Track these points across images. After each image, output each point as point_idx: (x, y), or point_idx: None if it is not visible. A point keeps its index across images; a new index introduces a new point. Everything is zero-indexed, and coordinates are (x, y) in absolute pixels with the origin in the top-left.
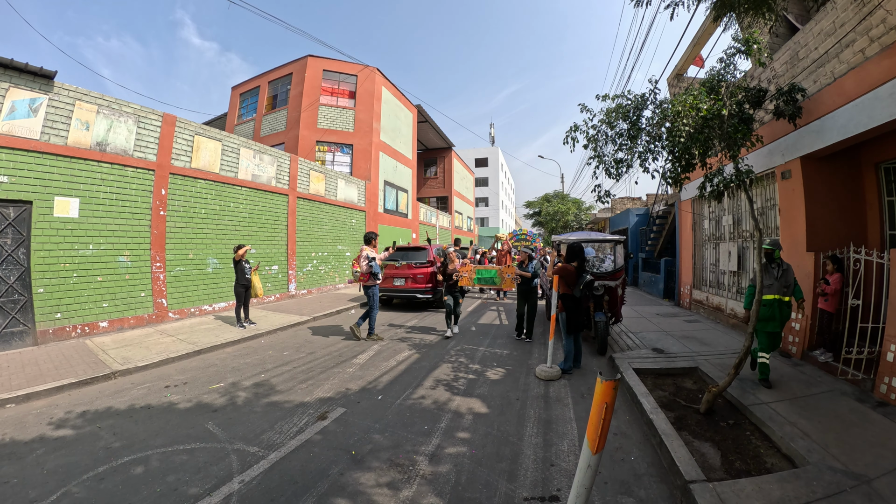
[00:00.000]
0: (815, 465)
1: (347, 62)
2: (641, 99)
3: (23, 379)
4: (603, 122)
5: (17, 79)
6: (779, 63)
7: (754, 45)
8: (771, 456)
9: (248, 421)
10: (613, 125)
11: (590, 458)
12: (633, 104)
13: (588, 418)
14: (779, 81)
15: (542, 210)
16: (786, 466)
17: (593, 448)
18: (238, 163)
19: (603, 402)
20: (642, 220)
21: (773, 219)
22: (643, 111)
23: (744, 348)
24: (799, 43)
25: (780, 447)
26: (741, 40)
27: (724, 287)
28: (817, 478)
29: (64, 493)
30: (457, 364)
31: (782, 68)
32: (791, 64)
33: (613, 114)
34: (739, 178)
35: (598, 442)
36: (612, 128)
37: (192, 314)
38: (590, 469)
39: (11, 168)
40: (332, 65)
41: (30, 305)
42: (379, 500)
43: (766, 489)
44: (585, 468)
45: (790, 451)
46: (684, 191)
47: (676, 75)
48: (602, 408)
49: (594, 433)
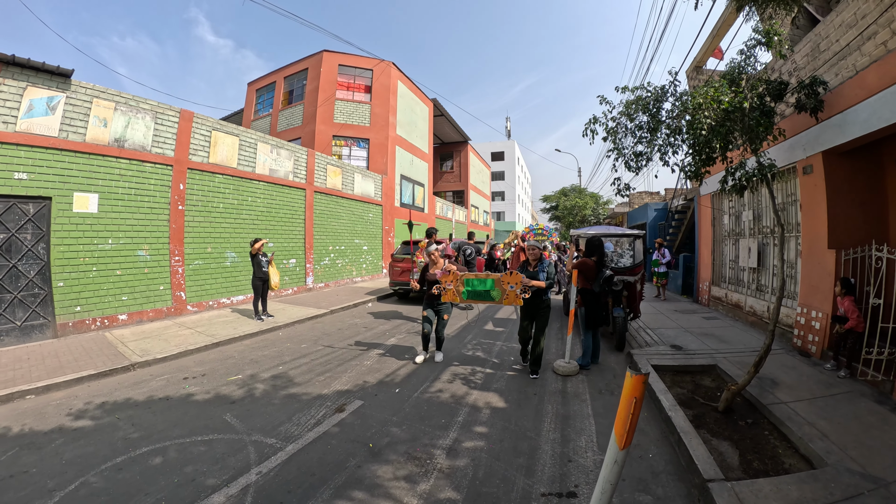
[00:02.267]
0: (833, 467)
1: (363, 56)
2: (661, 91)
3: (42, 371)
4: (623, 115)
5: (35, 78)
6: (800, 55)
7: (775, 36)
8: (789, 456)
9: (266, 413)
10: (633, 117)
11: (617, 453)
12: (653, 96)
13: (607, 414)
14: (800, 74)
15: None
16: (804, 467)
17: (621, 443)
18: (255, 157)
19: (632, 397)
20: (661, 215)
21: (793, 214)
22: (663, 103)
23: (764, 346)
24: (820, 35)
25: (799, 448)
26: (762, 32)
27: (744, 284)
28: (835, 480)
29: (82, 483)
30: (474, 358)
31: (803, 61)
32: (812, 56)
33: (633, 106)
34: (762, 172)
35: (625, 437)
36: (631, 120)
37: (211, 307)
38: (616, 465)
39: (30, 165)
40: (347, 59)
41: (50, 299)
42: (396, 493)
43: (785, 490)
44: (612, 464)
45: (808, 452)
46: (704, 185)
47: (696, 67)
48: (631, 402)
49: (622, 428)
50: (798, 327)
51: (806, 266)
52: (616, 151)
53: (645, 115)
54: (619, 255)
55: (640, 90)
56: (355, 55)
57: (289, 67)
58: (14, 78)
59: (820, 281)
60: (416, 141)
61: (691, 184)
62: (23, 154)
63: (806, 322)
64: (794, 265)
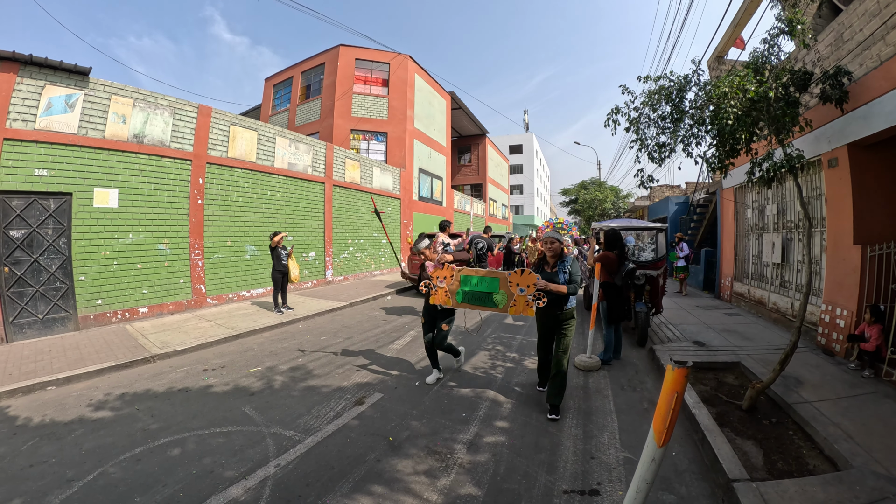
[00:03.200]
0: (858, 470)
1: (379, 50)
2: (684, 80)
3: (64, 362)
4: (645, 105)
5: (52, 76)
6: (823, 45)
7: (798, 25)
8: (814, 457)
9: (285, 405)
10: (656, 107)
11: (655, 450)
12: (676, 86)
13: (629, 411)
14: (824, 64)
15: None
16: (828, 469)
17: (659, 440)
18: (274, 152)
19: (673, 392)
20: (682, 209)
21: (819, 209)
22: (686, 93)
23: (790, 344)
24: (843, 24)
25: (823, 449)
26: (784, 20)
27: (767, 280)
28: (860, 482)
29: (101, 473)
30: (494, 352)
31: (827, 50)
32: (836, 46)
33: (656, 95)
34: (790, 164)
35: (665, 434)
36: (654, 110)
37: (230, 300)
38: (654, 463)
39: (50, 162)
40: (364, 53)
41: (71, 292)
42: (416, 488)
43: (810, 492)
44: (649, 461)
45: (833, 454)
46: (727, 178)
47: (717, 58)
48: (672, 397)
49: (661, 425)
50: (822, 325)
51: (831, 262)
52: (639, 142)
53: (668, 104)
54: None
55: (662, 80)
56: (372, 49)
57: (305, 63)
58: (32, 77)
59: (845, 277)
60: (434, 134)
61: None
62: (43, 151)
63: (830, 320)
64: (819, 261)
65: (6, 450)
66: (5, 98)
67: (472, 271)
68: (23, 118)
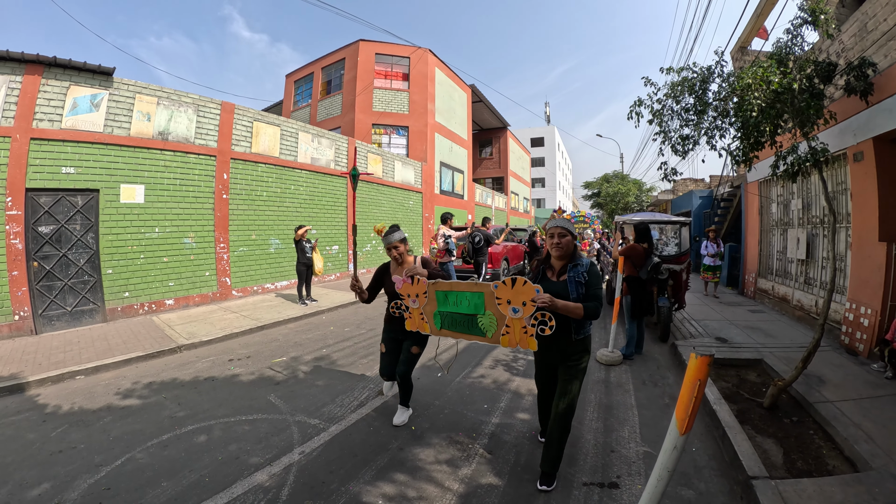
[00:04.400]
0: (877, 472)
1: (399, 45)
2: (707, 71)
3: (92, 353)
4: (668, 96)
5: (77, 77)
6: (847, 35)
7: (821, 14)
8: (833, 458)
9: (310, 394)
10: (679, 99)
11: (676, 438)
12: (700, 77)
13: (650, 405)
14: (848, 55)
15: (601, 191)
16: (847, 470)
17: (681, 428)
18: (297, 147)
19: (696, 380)
20: (706, 203)
21: (844, 204)
22: (709, 85)
23: (813, 341)
24: (867, 14)
25: (843, 449)
26: (807, 9)
27: (791, 277)
28: (879, 485)
29: (128, 459)
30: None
31: (851, 41)
32: (860, 36)
33: (679, 87)
34: (815, 157)
35: (687, 422)
36: (677, 102)
37: (255, 292)
38: (675, 451)
39: (77, 160)
40: (383, 48)
41: (99, 285)
42: (438, 476)
43: (828, 492)
44: (671, 449)
45: (853, 454)
46: (752, 171)
47: (740, 48)
48: (695, 385)
49: (684, 413)
50: (846, 323)
51: (856, 259)
52: (662, 134)
53: (691, 96)
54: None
55: (685, 71)
56: (391, 43)
57: (325, 58)
58: (57, 78)
59: (870, 275)
60: (455, 128)
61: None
62: (69, 149)
63: (854, 318)
64: (844, 258)
65: (36, 436)
66: (31, 99)
67: (447, 285)
68: (49, 118)
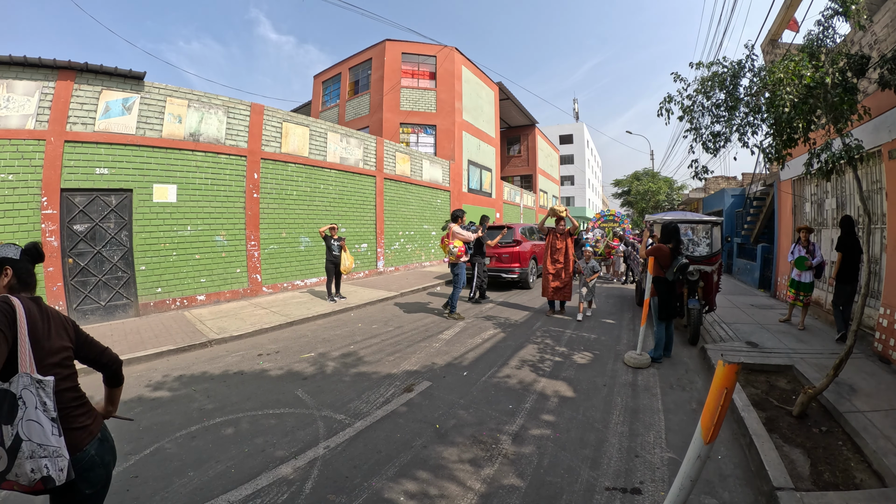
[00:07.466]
0: None
1: (425, 43)
2: (738, 66)
3: (125, 346)
4: (699, 92)
5: (108, 82)
6: (879, 26)
7: (852, 5)
8: (861, 471)
9: (337, 390)
10: (710, 95)
11: (701, 447)
12: (730, 72)
13: (677, 410)
14: (881, 47)
15: (631, 189)
16: (875, 484)
17: (706, 437)
18: (326, 146)
19: (723, 388)
20: (738, 202)
21: (879, 204)
22: (740, 80)
23: (846, 349)
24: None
25: (872, 462)
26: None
27: (824, 280)
28: None
29: (157, 448)
30: (542, 346)
31: (883, 32)
32: (893, 27)
33: (709, 83)
34: (849, 154)
35: (712, 431)
36: (708, 98)
37: (285, 289)
38: (699, 460)
39: (111, 161)
40: (410, 47)
41: (132, 281)
42: (460, 475)
43: None
44: (694, 458)
45: (881, 468)
46: (785, 169)
47: (770, 41)
48: (721, 394)
49: (709, 421)
50: (879, 330)
51: (891, 262)
52: (693, 131)
53: (722, 92)
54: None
55: (715, 66)
56: (418, 42)
57: (352, 59)
58: (89, 83)
59: None
60: (483, 126)
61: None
62: (103, 151)
63: (888, 325)
64: (879, 261)
65: None
66: (64, 104)
67: None
68: (82, 122)
